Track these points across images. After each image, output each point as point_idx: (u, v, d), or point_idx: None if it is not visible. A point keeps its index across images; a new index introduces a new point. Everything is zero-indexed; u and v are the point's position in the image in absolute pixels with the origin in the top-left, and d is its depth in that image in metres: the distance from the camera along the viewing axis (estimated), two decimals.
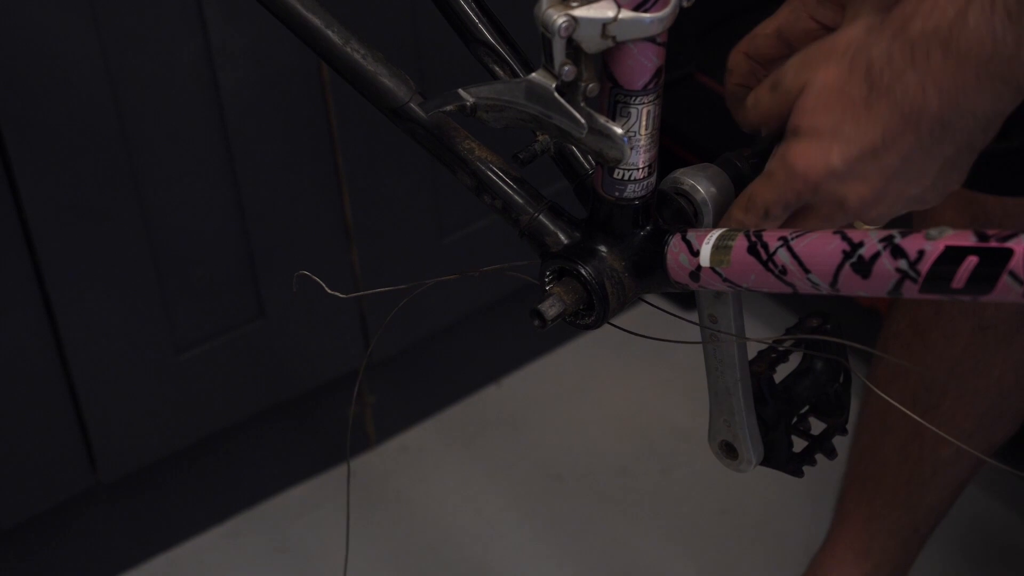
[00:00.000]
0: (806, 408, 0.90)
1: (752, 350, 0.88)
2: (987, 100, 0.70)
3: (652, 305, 0.88)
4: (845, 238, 0.70)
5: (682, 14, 0.74)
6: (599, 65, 0.75)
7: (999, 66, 0.69)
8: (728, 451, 0.88)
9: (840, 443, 1.30)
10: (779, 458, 0.89)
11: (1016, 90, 0.70)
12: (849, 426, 1.24)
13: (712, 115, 1.68)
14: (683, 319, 0.86)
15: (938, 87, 0.70)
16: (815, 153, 0.73)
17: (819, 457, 0.91)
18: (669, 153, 1.58)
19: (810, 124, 0.73)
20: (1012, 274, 0.64)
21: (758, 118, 0.78)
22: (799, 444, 0.90)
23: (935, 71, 0.70)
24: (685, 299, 0.90)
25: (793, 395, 0.88)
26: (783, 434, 0.88)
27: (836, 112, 0.73)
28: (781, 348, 0.86)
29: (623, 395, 1.68)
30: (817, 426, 0.90)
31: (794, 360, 0.89)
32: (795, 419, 0.89)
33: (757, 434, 0.87)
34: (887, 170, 0.73)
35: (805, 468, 0.90)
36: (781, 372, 0.89)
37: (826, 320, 0.87)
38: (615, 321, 0.83)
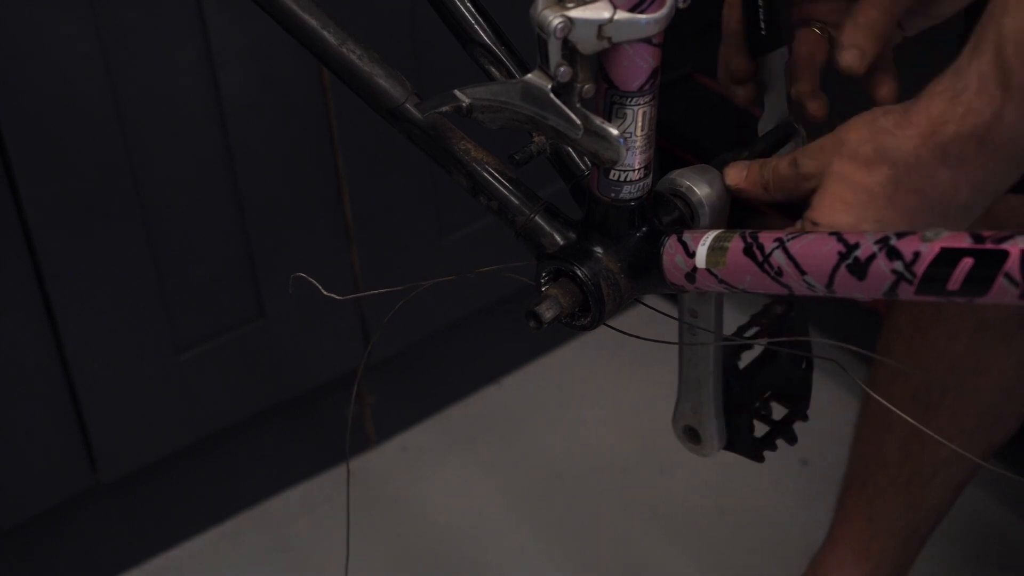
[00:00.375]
0: (768, 393, 0.91)
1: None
2: (1011, 179, 0.73)
3: (648, 306, 0.88)
4: (841, 240, 0.70)
5: (678, 15, 0.74)
6: (595, 66, 0.75)
7: None
8: (691, 436, 0.89)
9: (841, 442, 1.30)
10: (742, 442, 0.89)
11: None
12: (847, 424, 1.24)
13: (710, 115, 1.68)
14: (671, 317, 0.86)
15: (970, 180, 0.72)
16: None
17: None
18: (667, 153, 1.59)
19: (829, 222, 0.75)
20: (1008, 276, 0.64)
21: (775, 186, 0.79)
22: (760, 429, 0.91)
23: (968, 167, 0.72)
24: (676, 296, 0.90)
25: (757, 381, 0.89)
26: (746, 419, 0.89)
27: (856, 210, 0.74)
28: (749, 340, 0.86)
29: (623, 395, 1.67)
30: (778, 411, 0.91)
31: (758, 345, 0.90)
32: (757, 404, 0.90)
33: (722, 421, 0.88)
34: None
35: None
36: (745, 357, 0.90)
37: (791, 307, 0.88)
38: (611, 322, 0.83)
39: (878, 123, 0.74)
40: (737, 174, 0.81)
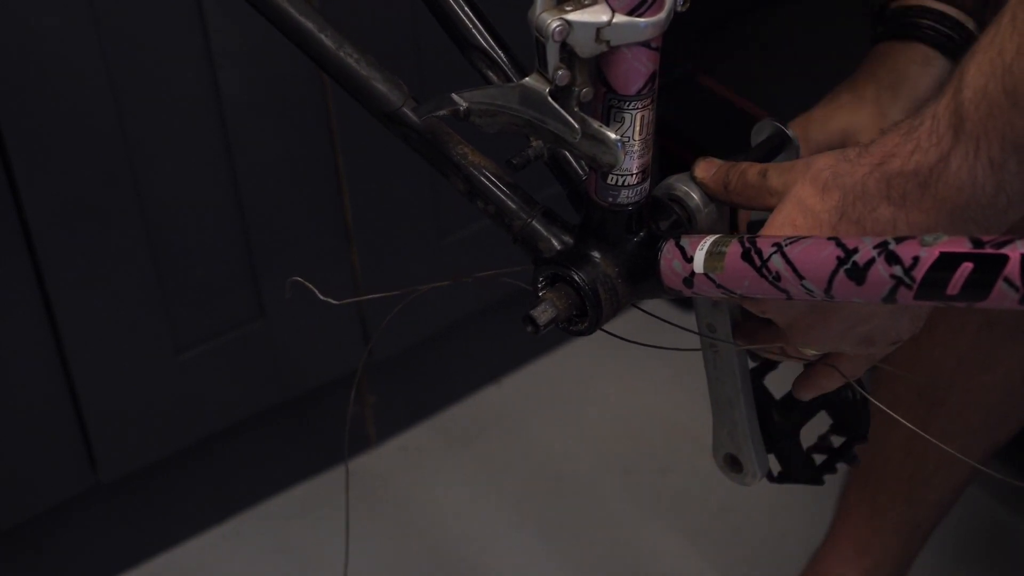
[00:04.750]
0: (828, 426, 0.90)
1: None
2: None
3: (647, 312, 0.88)
4: (839, 244, 0.70)
5: (678, 17, 0.74)
6: (593, 70, 0.75)
7: (975, 211, 0.70)
8: (733, 464, 0.88)
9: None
10: (795, 469, 0.88)
11: (986, 233, 0.71)
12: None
13: (712, 116, 1.68)
14: (679, 327, 0.86)
15: (910, 223, 0.71)
16: None
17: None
18: (669, 154, 1.58)
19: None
20: (1007, 280, 0.64)
21: (737, 190, 0.80)
22: (819, 456, 0.90)
23: (910, 208, 0.71)
24: (683, 302, 0.89)
25: (800, 405, 0.88)
26: (794, 445, 0.88)
27: (802, 232, 0.74)
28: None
29: (623, 395, 1.67)
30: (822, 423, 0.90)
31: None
32: (816, 437, 0.89)
33: (761, 446, 0.87)
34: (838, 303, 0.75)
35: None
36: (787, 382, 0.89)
37: (854, 391, 0.87)
38: (609, 327, 0.83)
39: (845, 152, 0.74)
40: (705, 169, 0.81)
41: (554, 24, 0.72)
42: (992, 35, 0.68)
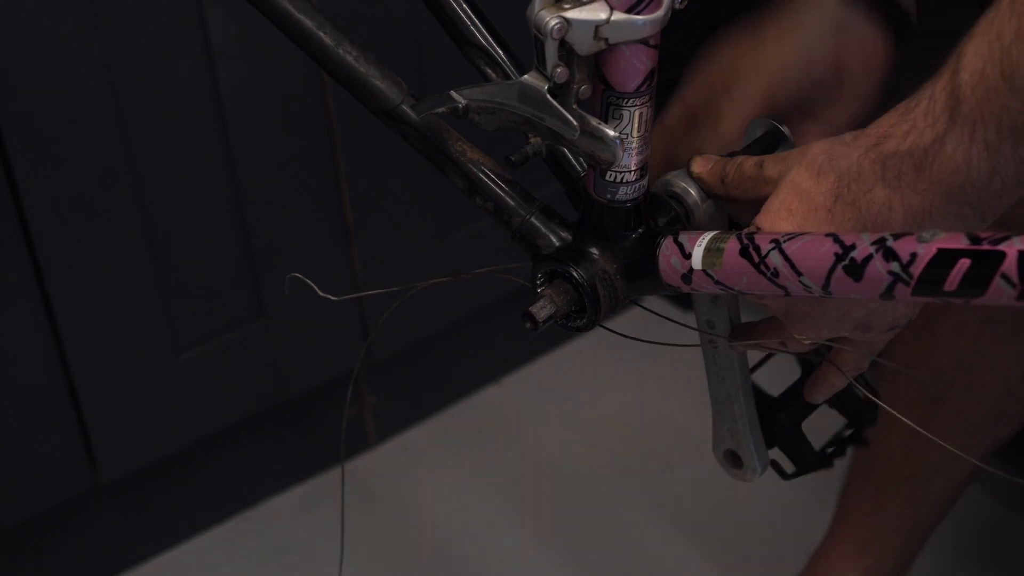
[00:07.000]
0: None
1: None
2: (951, 224, 0.71)
3: (646, 309, 0.88)
4: (837, 241, 0.70)
5: (676, 15, 0.74)
6: (592, 67, 0.75)
7: (969, 194, 0.70)
8: (733, 460, 0.88)
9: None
10: (805, 461, 0.88)
11: (981, 218, 0.71)
12: None
13: None
14: (679, 323, 0.86)
15: (905, 205, 0.71)
16: None
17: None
18: None
19: (771, 227, 0.75)
20: (1004, 277, 0.64)
21: (734, 182, 0.80)
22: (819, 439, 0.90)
23: (905, 189, 0.71)
24: (683, 300, 0.89)
25: (799, 400, 0.88)
26: (799, 436, 0.88)
27: (797, 218, 0.74)
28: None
29: (623, 395, 1.67)
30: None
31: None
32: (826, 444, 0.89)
33: (762, 441, 0.87)
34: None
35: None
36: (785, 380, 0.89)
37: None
38: (609, 324, 0.83)
39: (841, 136, 0.74)
40: (701, 164, 0.81)
41: (552, 22, 0.72)
42: (991, 18, 0.67)
